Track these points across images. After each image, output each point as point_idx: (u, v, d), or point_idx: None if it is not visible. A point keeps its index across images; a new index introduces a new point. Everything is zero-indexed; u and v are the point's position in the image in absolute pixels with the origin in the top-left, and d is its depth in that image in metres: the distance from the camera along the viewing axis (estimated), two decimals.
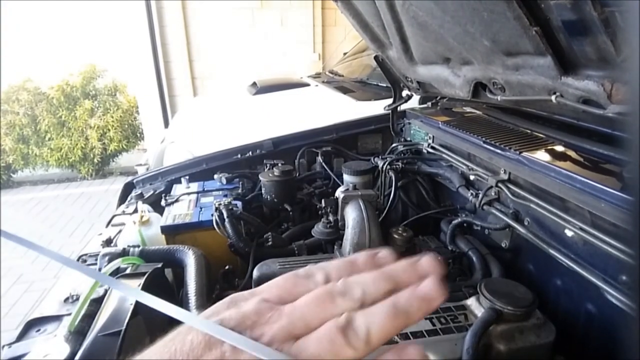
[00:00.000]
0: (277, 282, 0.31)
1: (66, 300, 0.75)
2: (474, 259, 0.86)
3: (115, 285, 0.33)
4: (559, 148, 0.85)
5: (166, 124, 3.91)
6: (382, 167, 1.15)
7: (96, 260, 0.86)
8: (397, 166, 1.15)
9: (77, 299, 0.75)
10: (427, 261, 0.30)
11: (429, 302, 0.28)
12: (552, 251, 0.72)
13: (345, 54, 3.21)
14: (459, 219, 0.96)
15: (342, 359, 0.26)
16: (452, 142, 1.08)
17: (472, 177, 0.99)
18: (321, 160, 1.33)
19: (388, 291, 0.29)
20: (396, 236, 0.89)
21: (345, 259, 0.33)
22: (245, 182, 1.23)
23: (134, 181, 1.31)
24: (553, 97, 0.72)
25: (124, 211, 1.14)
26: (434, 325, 0.63)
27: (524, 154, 0.82)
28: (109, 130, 4.30)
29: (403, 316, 0.27)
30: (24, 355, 0.61)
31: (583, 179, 0.66)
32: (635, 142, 0.16)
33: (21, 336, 0.66)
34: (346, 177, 1.02)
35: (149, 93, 4.16)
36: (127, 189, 1.29)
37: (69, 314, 0.67)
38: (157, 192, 1.23)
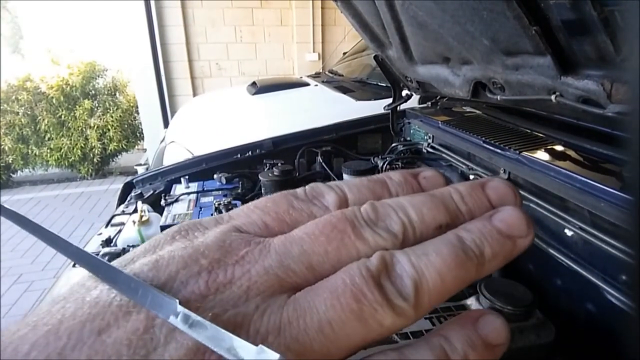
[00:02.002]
0: (261, 204, 0.20)
1: None
2: None
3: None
4: (559, 148, 0.85)
5: (166, 124, 3.91)
6: (382, 166, 1.15)
7: None
8: (397, 166, 1.15)
9: None
10: (499, 184, 0.20)
11: (513, 241, 0.18)
12: (552, 251, 0.72)
13: (344, 53, 3.21)
14: None
15: (375, 328, 0.15)
16: (452, 142, 1.08)
17: (471, 177, 0.99)
18: (321, 160, 1.33)
19: (443, 225, 0.18)
20: None
21: (373, 176, 0.21)
22: (245, 181, 1.23)
23: (134, 181, 1.30)
24: (553, 97, 0.72)
25: (123, 211, 1.14)
26: (433, 325, 0.63)
27: (524, 153, 0.81)
28: (109, 130, 4.29)
29: (474, 260, 0.17)
30: None
31: (583, 178, 0.66)
32: (635, 142, 0.16)
33: None
34: (346, 177, 1.02)
35: (149, 93, 4.15)
36: (127, 188, 1.29)
37: None
38: (157, 191, 1.23)
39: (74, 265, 0.89)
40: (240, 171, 1.29)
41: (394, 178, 0.21)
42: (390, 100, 1.35)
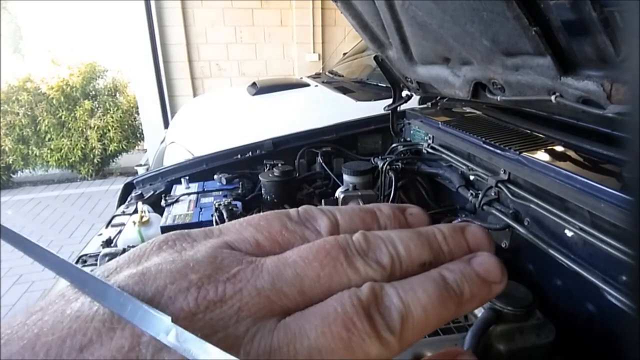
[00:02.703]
0: (254, 221, 0.20)
1: None
2: None
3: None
4: (559, 148, 0.85)
5: (166, 124, 3.91)
6: (382, 167, 1.15)
7: (96, 260, 0.86)
8: (397, 166, 1.15)
9: None
10: (477, 230, 0.20)
11: (489, 285, 0.18)
12: (552, 251, 0.72)
13: (345, 54, 3.21)
14: (459, 219, 0.96)
15: (361, 358, 0.15)
16: (452, 142, 1.08)
17: (471, 177, 0.99)
18: (321, 161, 1.33)
19: (427, 263, 0.19)
20: None
21: (364, 206, 0.22)
22: (245, 182, 1.23)
23: (134, 181, 1.30)
24: (553, 97, 0.72)
25: (123, 211, 1.14)
26: None
27: (524, 154, 0.82)
28: (109, 130, 4.30)
29: (455, 299, 0.17)
30: None
31: (583, 179, 0.66)
32: (635, 142, 0.16)
33: None
34: (346, 178, 1.02)
35: (149, 93, 4.16)
36: (127, 189, 1.29)
37: None
38: (157, 192, 1.23)
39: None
40: (240, 172, 1.29)
41: (383, 210, 0.22)
42: (390, 100, 1.35)
